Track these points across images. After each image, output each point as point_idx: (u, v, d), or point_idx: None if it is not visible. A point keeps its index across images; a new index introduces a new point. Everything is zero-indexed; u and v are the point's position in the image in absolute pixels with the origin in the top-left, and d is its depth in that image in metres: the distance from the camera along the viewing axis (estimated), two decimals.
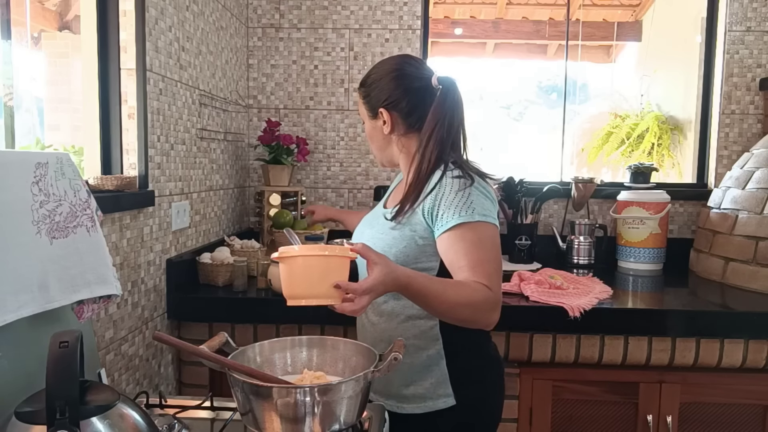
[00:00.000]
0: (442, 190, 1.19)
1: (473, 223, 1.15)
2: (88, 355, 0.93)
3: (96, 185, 1.35)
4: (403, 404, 1.26)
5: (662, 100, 3.75)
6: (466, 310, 1.11)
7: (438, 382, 1.24)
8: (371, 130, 1.35)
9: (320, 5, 2.34)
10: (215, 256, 1.79)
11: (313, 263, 0.99)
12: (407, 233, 1.23)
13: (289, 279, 1.01)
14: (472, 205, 1.16)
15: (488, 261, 1.15)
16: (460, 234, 1.15)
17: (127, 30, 1.45)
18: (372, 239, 1.27)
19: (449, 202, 1.17)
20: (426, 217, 1.20)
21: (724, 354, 1.62)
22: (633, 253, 2.18)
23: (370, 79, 1.33)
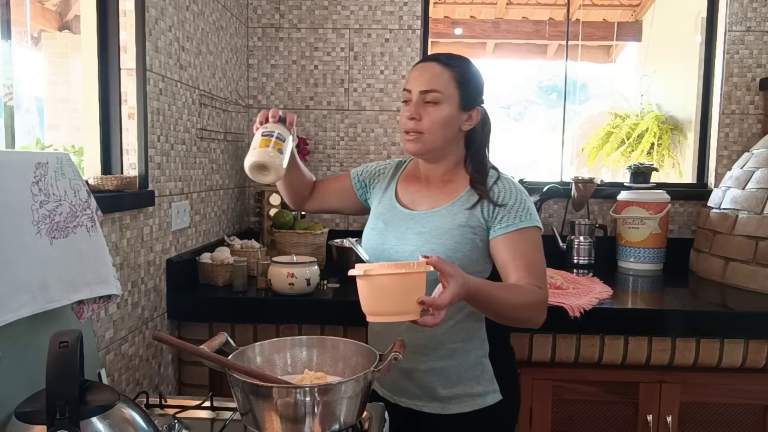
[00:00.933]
0: (504, 194, 1.25)
1: (531, 227, 1.22)
2: (88, 355, 0.92)
3: (96, 185, 1.35)
4: (449, 405, 1.27)
5: (662, 100, 3.75)
6: (526, 312, 1.17)
7: (486, 380, 1.28)
8: (452, 118, 1.25)
9: (320, 5, 2.34)
10: (215, 256, 1.79)
11: (393, 281, 1.00)
12: (469, 236, 1.24)
13: (369, 297, 1.02)
14: (529, 210, 1.24)
15: (539, 262, 1.22)
16: (519, 236, 1.21)
17: (127, 30, 1.45)
18: (428, 245, 1.24)
19: (510, 206, 1.23)
20: (487, 219, 1.24)
21: (724, 354, 1.62)
22: (633, 253, 2.18)
23: (468, 72, 1.27)
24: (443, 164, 1.32)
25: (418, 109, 1.24)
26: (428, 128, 1.24)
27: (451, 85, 1.24)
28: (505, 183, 1.28)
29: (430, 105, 1.23)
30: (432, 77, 1.24)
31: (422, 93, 1.24)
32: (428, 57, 1.30)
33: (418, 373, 1.27)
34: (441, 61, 1.26)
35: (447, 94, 1.24)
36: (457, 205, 1.27)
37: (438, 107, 1.24)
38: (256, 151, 1.19)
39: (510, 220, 1.22)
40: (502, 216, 1.22)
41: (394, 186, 1.39)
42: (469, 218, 1.24)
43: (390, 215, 1.34)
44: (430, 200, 1.31)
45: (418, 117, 1.24)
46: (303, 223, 2.08)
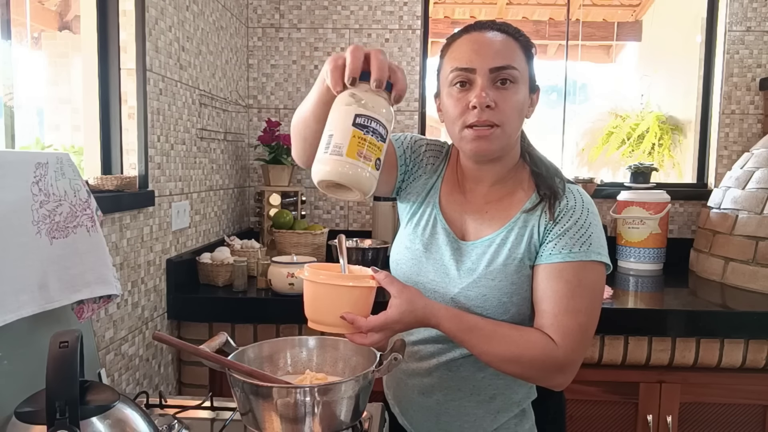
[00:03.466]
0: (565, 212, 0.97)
1: (584, 263, 0.94)
2: (88, 355, 0.92)
3: (96, 185, 1.35)
4: None
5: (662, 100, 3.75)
6: (514, 366, 0.93)
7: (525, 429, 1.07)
8: (526, 102, 0.98)
9: (320, 5, 2.34)
10: (215, 256, 1.79)
11: (334, 292, 0.95)
12: (526, 272, 0.98)
13: (311, 302, 0.99)
14: (590, 239, 0.95)
15: (577, 313, 0.93)
16: (561, 271, 0.94)
17: (127, 30, 1.45)
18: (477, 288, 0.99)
19: (566, 228, 0.95)
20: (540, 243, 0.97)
21: (724, 354, 1.62)
22: (633, 253, 2.18)
23: (531, 45, 1.01)
24: (501, 165, 1.03)
25: (492, 92, 0.93)
26: (505, 119, 0.94)
27: (523, 61, 0.96)
28: (576, 196, 0.99)
29: (503, 88, 0.94)
30: (504, 50, 0.94)
31: (494, 71, 0.93)
32: (481, 25, 0.98)
33: (445, 416, 1.07)
34: (506, 31, 0.97)
35: (522, 72, 0.96)
36: (514, 230, 0.99)
37: (516, 90, 0.95)
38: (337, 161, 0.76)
39: (558, 246, 0.94)
40: (552, 240, 0.95)
41: (439, 187, 1.09)
42: (527, 247, 0.97)
43: (431, 238, 1.05)
44: (479, 223, 1.03)
45: (494, 104, 0.93)
46: (303, 223, 2.08)
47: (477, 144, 0.95)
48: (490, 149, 0.96)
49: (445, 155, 1.12)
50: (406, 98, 2.35)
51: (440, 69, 1.02)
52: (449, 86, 0.97)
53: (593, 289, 0.96)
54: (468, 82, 0.95)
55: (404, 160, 1.10)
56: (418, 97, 2.36)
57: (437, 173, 1.10)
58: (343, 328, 0.95)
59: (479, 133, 0.94)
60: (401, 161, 1.10)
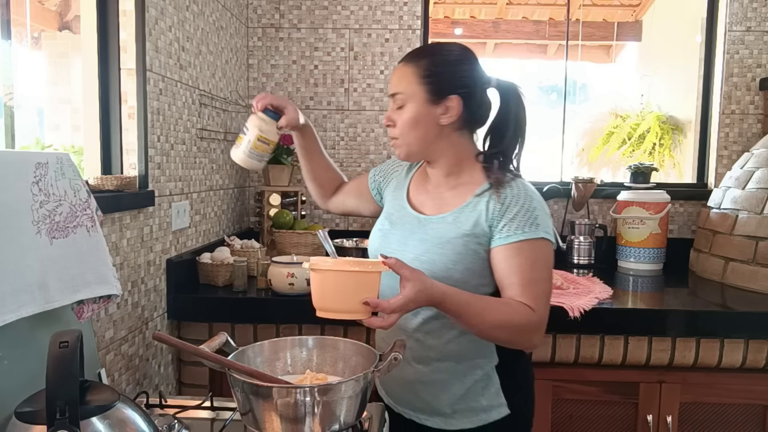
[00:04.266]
0: (510, 200, 1.13)
1: (535, 240, 1.10)
2: (88, 355, 0.93)
3: (96, 185, 1.35)
4: (452, 420, 1.20)
5: (662, 100, 3.75)
6: (504, 332, 1.08)
7: (492, 393, 1.19)
8: (420, 116, 1.16)
9: (320, 5, 2.34)
10: (215, 256, 1.79)
11: (345, 278, 0.98)
12: (472, 246, 1.14)
13: (320, 291, 1.01)
14: (537, 220, 1.12)
15: (539, 281, 1.10)
16: (518, 250, 1.10)
17: (127, 30, 1.45)
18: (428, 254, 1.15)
19: (514, 214, 1.12)
20: (492, 227, 1.13)
21: (724, 354, 1.62)
22: (633, 253, 2.18)
23: (442, 58, 1.17)
24: (441, 165, 1.22)
25: (390, 113, 1.20)
26: (399, 133, 1.18)
27: (413, 83, 1.16)
28: (518, 187, 1.15)
29: (399, 108, 1.18)
30: (397, 79, 1.19)
31: (391, 97, 1.20)
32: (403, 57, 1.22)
33: (420, 385, 1.20)
34: (407, 58, 1.19)
35: (409, 94, 1.16)
36: (464, 211, 1.17)
37: (403, 109, 1.17)
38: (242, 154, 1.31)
39: (512, 229, 1.10)
40: (505, 224, 1.11)
41: (407, 184, 1.31)
42: (474, 226, 1.14)
43: (398, 216, 1.27)
44: (437, 204, 1.22)
45: (392, 123, 1.19)
46: (303, 223, 2.08)
47: (394, 150, 1.23)
48: (399, 155, 1.23)
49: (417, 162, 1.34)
50: None
51: None
52: None
53: (546, 261, 1.13)
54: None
55: (373, 181, 1.41)
56: None
57: (409, 175, 1.33)
58: (359, 314, 0.98)
59: (392, 144, 1.23)
60: (371, 184, 1.42)
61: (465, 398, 1.18)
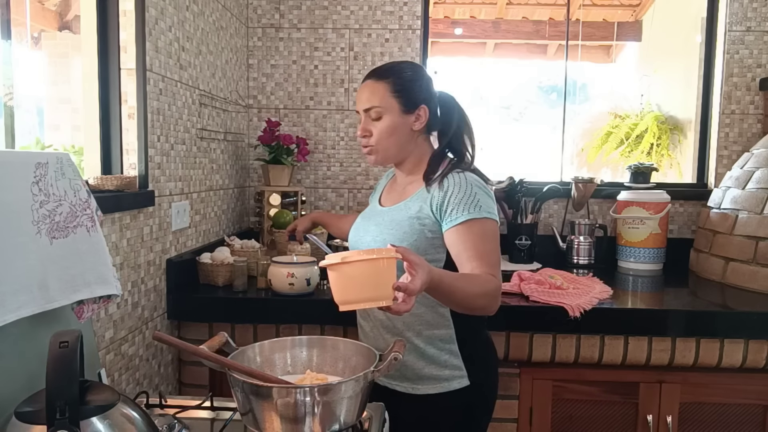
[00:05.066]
0: (452, 188, 1.29)
1: (480, 219, 1.25)
2: (88, 355, 0.93)
3: (96, 185, 1.35)
4: (418, 385, 1.34)
5: (662, 100, 3.75)
6: (482, 299, 1.20)
7: (452, 365, 1.33)
8: (397, 125, 1.35)
9: (320, 5, 2.34)
10: (215, 256, 1.79)
11: (365, 267, 1.00)
12: (417, 227, 1.31)
13: (341, 285, 1.02)
14: (479, 203, 1.27)
15: (492, 252, 1.25)
16: (468, 228, 1.25)
17: (127, 30, 1.45)
18: (381, 235, 1.34)
19: (458, 199, 1.27)
20: (435, 212, 1.29)
21: (724, 354, 1.62)
22: (633, 253, 2.18)
23: (405, 74, 1.36)
24: (406, 164, 1.41)
25: (367, 125, 1.36)
26: (377, 141, 1.35)
27: (388, 96, 1.33)
28: (458, 177, 1.31)
29: (375, 120, 1.34)
30: (370, 95, 1.34)
31: (366, 111, 1.35)
32: (367, 74, 1.38)
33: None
34: (375, 76, 1.36)
35: (385, 106, 1.33)
36: (413, 199, 1.35)
37: (381, 120, 1.34)
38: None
39: (457, 213, 1.26)
40: (450, 209, 1.27)
41: (382, 189, 1.52)
42: (419, 210, 1.31)
43: (368, 212, 1.48)
44: (396, 197, 1.41)
45: (368, 133, 1.36)
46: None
47: (367, 159, 1.41)
48: (375, 161, 1.39)
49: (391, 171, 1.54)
50: None
51: None
52: None
53: (494, 235, 1.28)
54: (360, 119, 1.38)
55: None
56: None
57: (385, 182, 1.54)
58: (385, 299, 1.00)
59: (366, 152, 1.39)
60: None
61: (429, 367, 1.33)
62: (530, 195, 2.22)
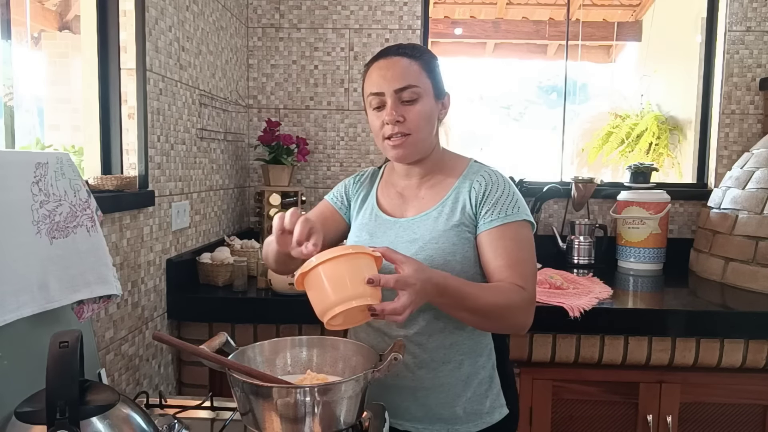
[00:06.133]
0: (490, 186, 1.15)
1: (518, 222, 1.12)
2: (88, 355, 0.92)
3: (96, 185, 1.35)
4: (456, 426, 1.15)
5: (662, 100, 3.75)
6: (503, 311, 1.06)
7: (494, 394, 1.18)
8: (432, 112, 1.15)
9: (320, 5, 2.34)
10: (215, 256, 1.79)
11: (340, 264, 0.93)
12: (465, 235, 1.14)
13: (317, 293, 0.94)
14: (518, 203, 1.14)
15: (526, 261, 1.11)
16: (504, 232, 1.11)
17: (127, 30, 1.45)
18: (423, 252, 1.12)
19: (496, 198, 1.13)
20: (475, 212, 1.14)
21: (724, 354, 1.62)
22: (633, 253, 2.18)
23: (433, 59, 1.18)
24: (426, 162, 1.20)
25: (398, 109, 1.12)
26: (415, 128, 1.12)
27: (423, 77, 1.13)
28: (495, 173, 1.18)
29: (408, 103, 1.12)
30: (405, 72, 1.12)
31: (398, 92, 1.11)
32: (388, 52, 1.16)
33: (422, 392, 1.15)
34: (406, 53, 1.14)
35: (424, 87, 1.13)
36: (447, 204, 1.16)
37: (418, 103, 1.12)
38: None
39: (496, 213, 1.12)
40: (488, 209, 1.12)
41: (375, 194, 1.27)
42: (462, 215, 1.14)
43: (374, 225, 1.21)
44: (417, 204, 1.20)
45: (402, 118, 1.12)
46: None
47: (396, 151, 1.14)
48: (407, 154, 1.15)
49: (374, 172, 1.33)
50: None
51: (363, 92, 1.19)
52: (369, 107, 1.16)
53: (529, 242, 1.14)
54: (382, 104, 1.13)
55: (338, 200, 1.31)
56: None
57: (373, 185, 1.29)
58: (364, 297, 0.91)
59: (395, 143, 1.13)
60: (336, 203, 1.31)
61: (471, 401, 1.15)
62: (530, 195, 2.22)
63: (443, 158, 1.22)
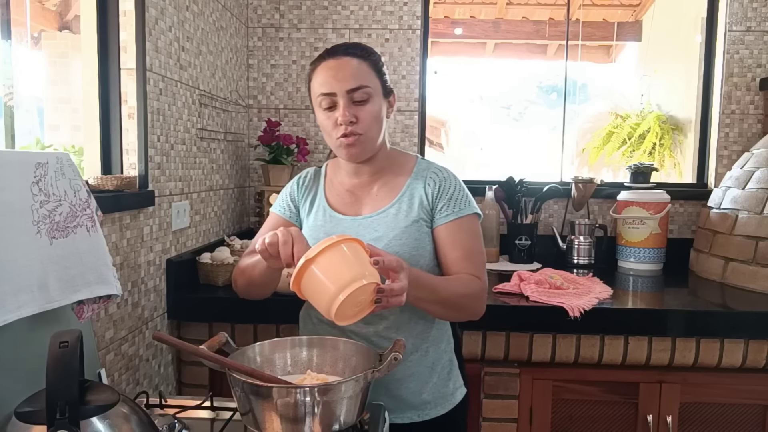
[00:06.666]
0: (443, 182, 1.20)
1: (470, 215, 1.19)
2: (88, 355, 0.92)
3: (96, 185, 1.35)
4: (425, 411, 1.21)
5: (662, 100, 3.75)
6: (467, 301, 1.13)
7: (455, 375, 1.27)
8: (382, 111, 1.17)
9: (320, 5, 2.34)
10: (215, 256, 1.79)
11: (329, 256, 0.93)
12: (425, 229, 1.19)
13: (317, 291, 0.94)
14: (468, 197, 1.21)
15: (480, 253, 1.19)
16: (459, 225, 1.18)
17: (127, 30, 1.45)
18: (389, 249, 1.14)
19: (450, 193, 1.19)
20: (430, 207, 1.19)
21: (724, 354, 1.62)
22: (633, 253, 2.18)
23: (379, 58, 1.20)
24: (375, 161, 1.22)
25: (351, 110, 1.13)
26: (368, 127, 1.14)
27: (373, 76, 1.15)
28: (443, 169, 1.23)
29: (360, 103, 1.13)
30: (355, 72, 1.13)
31: (350, 92, 1.12)
32: (336, 51, 1.16)
33: (393, 384, 1.20)
34: (356, 53, 1.15)
35: (374, 87, 1.15)
36: (404, 201, 1.20)
37: (369, 103, 1.14)
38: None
39: (451, 208, 1.18)
40: (443, 204, 1.18)
41: (322, 194, 1.27)
42: (420, 211, 1.18)
43: (331, 225, 1.22)
44: (371, 202, 1.22)
45: (355, 119, 1.13)
46: None
47: (349, 151, 1.16)
48: (361, 153, 1.17)
49: (316, 172, 1.33)
50: (406, 98, 2.35)
51: (310, 91, 1.20)
52: (319, 108, 1.17)
53: (480, 234, 1.22)
54: (333, 105, 1.14)
55: (286, 209, 1.31)
56: (418, 97, 2.36)
57: (318, 185, 1.30)
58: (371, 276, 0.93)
59: (349, 142, 1.15)
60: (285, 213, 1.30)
61: (436, 386, 1.23)
62: (530, 195, 2.22)
63: (390, 156, 1.26)
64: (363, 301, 0.96)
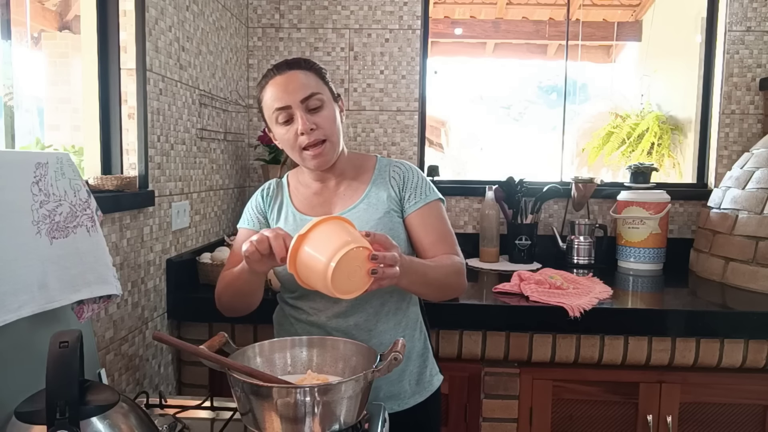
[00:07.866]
0: (406, 173, 1.27)
1: (436, 200, 1.26)
2: (88, 355, 0.93)
3: (96, 185, 1.35)
4: (407, 399, 1.26)
5: (662, 100, 3.75)
6: (453, 278, 1.19)
7: (431, 362, 1.32)
8: (336, 115, 1.22)
9: (320, 5, 2.34)
10: (215, 256, 1.79)
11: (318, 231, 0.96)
12: (397, 219, 1.24)
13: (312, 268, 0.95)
14: (430, 185, 1.28)
15: (450, 233, 1.26)
16: (428, 210, 1.24)
17: (127, 30, 1.45)
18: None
19: (415, 183, 1.26)
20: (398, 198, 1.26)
21: (724, 354, 1.62)
22: (633, 253, 2.18)
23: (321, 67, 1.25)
24: (338, 164, 1.26)
25: (310, 118, 1.17)
26: (329, 132, 1.19)
27: (321, 84, 1.21)
28: (403, 163, 1.30)
29: (315, 111, 1.18)
30: (305, 83, 1.18)
31: (304, 101, 1.17)
32: (280, 68, 1.21)
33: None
34: (300, 66, 1.20)
35: (324, 93, 1.20)
36: (372, 195, 1.25)
37: (324, 109, 1.19)
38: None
39: (418, 196, 1.24)
40: (410, 194, 1.25)
41: (289, 201, 1.30)
42: (389, 203, 1.24)
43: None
44: (340, 201, 1.26)
45: (315, 126, 1.17)
46: None
47: (316, 161, 1.20)
48: (327, 160, 1.21)
49: (278, 183, 1.36)
50: (406, 98, 2.35)
51: (262, 109, 1.23)
52: (276, 123, 1.20)
53: (446, 216, 1.28)
54: (290, 118, 1.18)
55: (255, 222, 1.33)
56: (417, 97, 2.36)
57: (283, 194, 1.33)
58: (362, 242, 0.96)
59: (315, 152, 1.18)
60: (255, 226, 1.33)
61: (413, 374, 1.27)
62: (530, 195, 2.22)
63: (350, 158, 1.31)
64: (358, 272, 0.96)
